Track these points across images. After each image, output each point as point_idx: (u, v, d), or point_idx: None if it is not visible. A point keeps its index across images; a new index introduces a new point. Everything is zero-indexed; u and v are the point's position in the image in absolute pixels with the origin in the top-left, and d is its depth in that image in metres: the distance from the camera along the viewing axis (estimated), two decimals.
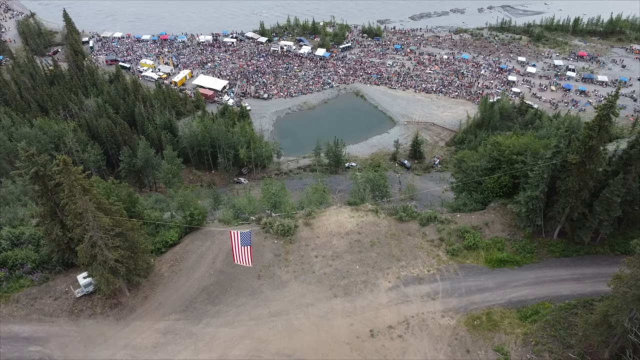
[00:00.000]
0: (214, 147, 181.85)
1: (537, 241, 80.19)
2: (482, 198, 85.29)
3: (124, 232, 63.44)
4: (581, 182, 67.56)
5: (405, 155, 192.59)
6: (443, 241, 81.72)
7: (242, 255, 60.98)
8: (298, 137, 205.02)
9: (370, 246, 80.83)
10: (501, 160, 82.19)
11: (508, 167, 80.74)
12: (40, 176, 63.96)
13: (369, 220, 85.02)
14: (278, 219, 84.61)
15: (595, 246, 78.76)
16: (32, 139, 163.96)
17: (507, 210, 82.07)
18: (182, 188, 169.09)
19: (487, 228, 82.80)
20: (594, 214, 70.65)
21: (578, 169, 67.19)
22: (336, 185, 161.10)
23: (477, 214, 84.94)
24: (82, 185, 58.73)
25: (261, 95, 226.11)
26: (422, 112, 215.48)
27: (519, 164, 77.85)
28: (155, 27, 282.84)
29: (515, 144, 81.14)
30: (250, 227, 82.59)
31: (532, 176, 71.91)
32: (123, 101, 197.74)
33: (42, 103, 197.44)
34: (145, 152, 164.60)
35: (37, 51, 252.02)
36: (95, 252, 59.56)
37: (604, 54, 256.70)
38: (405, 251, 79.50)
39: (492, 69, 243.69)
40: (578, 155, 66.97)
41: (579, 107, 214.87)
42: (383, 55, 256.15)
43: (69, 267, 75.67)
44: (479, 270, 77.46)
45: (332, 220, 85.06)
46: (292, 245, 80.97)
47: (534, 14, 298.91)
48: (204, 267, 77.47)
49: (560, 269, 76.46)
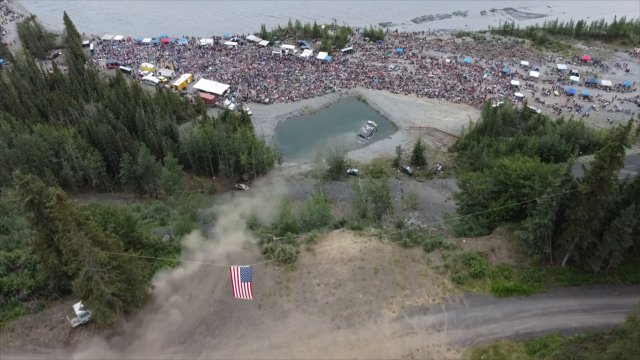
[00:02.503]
0: (214, 153, 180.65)
1: (544, 268, 77.99)
2: (488, 222, 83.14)
3: (121, 264, 61.82)
4: (591, 212, 65.63)
5: (407, 161, 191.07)
6: (448, 268, 79.73)
7: (242, 290, 59.46)
8: (299, 142, 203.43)
9: (374, 273, 78.88)
10: (508, 184, 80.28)
11: (515, 191, 78.79)
12: (36, 204, 62.29)
13: (373, 246, 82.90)
14: (279, 244, 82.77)
15: (604, 275, 76.54)
16: (31, 145, 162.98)
17: (514, 236, 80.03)
18: (183, 195, 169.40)
19: (494, 254, 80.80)
20: (604, 243, 68.66)
21: (588, 199, 65.28)
22: (338, 193, 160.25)
23: (483, 239, 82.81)
24: (76, 219, 57.04)
25: (262, 100, 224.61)
26: (424, 117, 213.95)
27: (526, 189, 75.96)
28: (156, 29, 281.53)
29: (522, 168, 79.12)
30: (251, 251, 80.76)
31: (540, 203, 70.03)
32: (123, 106, 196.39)
33: (42, 108, 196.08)
34: (145, 159, 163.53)
35: (37, 54, 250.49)
36: (91, 287, 58.00)
37: (608, 58, 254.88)
38: (410, 279, 77.52)
39: (495, 73, 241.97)
40: (588, 185, 65.06)
41: (583, 112, 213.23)
42: (385, 59, 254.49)
43: (65, 293, 73.97)
44: (485, 300, 75.40)
45: (335, 245, 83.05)
46: (294, 272, 78.98)
47: (536, 17, 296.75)
48: (204, 296, 75.78)
49: (569, 298, 74.21)
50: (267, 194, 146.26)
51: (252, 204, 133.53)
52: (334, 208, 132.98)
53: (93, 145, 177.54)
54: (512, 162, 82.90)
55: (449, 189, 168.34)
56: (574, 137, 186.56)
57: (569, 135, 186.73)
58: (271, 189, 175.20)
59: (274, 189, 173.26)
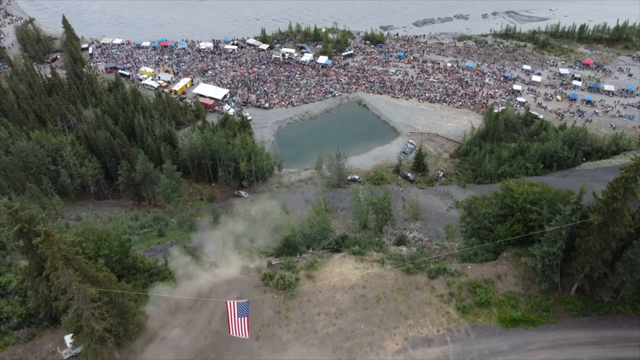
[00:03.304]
0: (214, 160, 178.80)
1: (553, 297, 74.78)
2: (494, 247, 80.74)
3: (112, 299, 59.64)
4: (603, 243, 62.89)
5: (408, 167, 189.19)
6: (453, 296, 76.70)
7: (238, 327, 57.31)
8: (299, 148, 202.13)
9: (376, 302, 75.96)
10: (514, 208, 77.98)
11: (521, 216, 76.39)
12: (25, 233, 60.18)
13: (375, 272, 79.89)
14: (278, 268, 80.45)
15: (615, 305, 73.39)
16: (28, 153, 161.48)
17: (521, 262, 77.59)
18: (182, 202, 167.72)
19: (500, 281, 77.82)
20: (615, 274, 65.92)
21: (600, 229, 62.73)
22: (338, 202, 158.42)
23: (489, 265, 79.78)
24: (65, 255, 54.92)
25: (262, 105, 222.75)
26: (425, 122, 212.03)
27: (533, 214, 73.62)
28: (156, 33, 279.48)
29: (529, 192, 76.73)
30: (249, 277, 78.46)
31: (548, 230, 67.69)
32: (122, 111, 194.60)
33: (40, 113, 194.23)
34: (144, 166, 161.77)
35: (35, 58, 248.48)
36: (81, 324, 55.89)
37: (610, 62, 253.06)
38: (413, 308, 74.57)
39: (497, 78, 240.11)
40: (600, 215, 62.67)
41: (586, 117, 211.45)
42: (386, 63, 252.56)
43: (56, 321, 71.38)
44: (492, 331, 72.23)
45: (336, 272, 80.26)
46: (293, 300, 75.94)
47: (538, 20, 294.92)
48: (200, 326, 73.07)
49: (579, 330, 71.08)
50: (267, 205, 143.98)
51: (251, 217, 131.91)
52: (335, 220, 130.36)
53: (91, 151, 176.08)
54: (518, 186, 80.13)
55: (451, 197, 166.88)
56: (577, 143, 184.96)
57: (572, 141, 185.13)
58: (271, 195, 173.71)
59: (273, 197, 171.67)
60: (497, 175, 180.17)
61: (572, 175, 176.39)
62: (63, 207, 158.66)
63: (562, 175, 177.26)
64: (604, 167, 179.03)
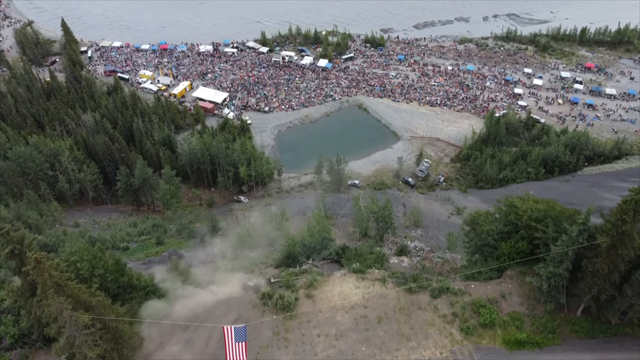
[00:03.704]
0: (213, 165, 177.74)
1: (558, 317, 72.27)
2: (498, 265, 79.09)
3: (106, 324, 58.23)
4: (611, 265, 60.98)
5: (409, 172, 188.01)
6: (456, 317, 74.24)
7: (236, 353, 55.83)
8: (299, 152, 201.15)
9: (378, 323, 73.83)
10: (518, 225, 76.39)
11: (526, 233, 74.56)
12: (17, 254, 58.77)
13: (376, 292, 77.44)
14: (277, 286, 78.84)
15: (623, 327, 70.79)
16: (26, 158, 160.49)
17: (526, 281, 75.89)
18: (181, 208, 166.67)
19: (504, 301, 75.48)
20: (624, 296, 64.09)
21: (608, 252, 60.99)
22: (338, 208, 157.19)
23: (493, 283, 77.41)
24: (57, 282, 53.51)
25: (262, 108, 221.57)
26: (426, 126, 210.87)
27: (538, 232, 72.03)
28: (158, 35, 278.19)
29: (533, 209, 74.94)
30: (247, 296, 76.83)
31: (554, 251, 66.12)
32: (121, 115, 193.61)
33: (39, 117, 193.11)
34: (142, 172, 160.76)
35: (34, 61, 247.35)
36: (73, 351, 54.51)
37: (612, 65, 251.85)
38: (416, 329, 72.41)
39: (498, 81, 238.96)
40: (609, 238, 61.04)
41: (587, 121, 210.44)
42: (386, 66, 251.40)
43: (50, 342, 69.85)
44: (496, 353, 69.53)
45: (336, 291, 78.13)
46: (293, 321, 73.55)
47: (539, 23, 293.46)
48: (197, 349, 70.65)
49: (586, 353, 68.50)
50: (266, 213, 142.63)
51: (250, 225, 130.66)
52: (335, 229, 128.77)
53: (90, 156, 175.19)
54: (522, 203, 78.02)
55: (452, 203, 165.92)
56: (579, 148, 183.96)
57: (574, 146, 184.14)
58: (271, 201, 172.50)
59: (273, 202, 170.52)
60: (498, 180, 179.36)
61: (574, 181, 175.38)
62: (61, 214, 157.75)
63: (563, 180, 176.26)
64: (606, 172, 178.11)
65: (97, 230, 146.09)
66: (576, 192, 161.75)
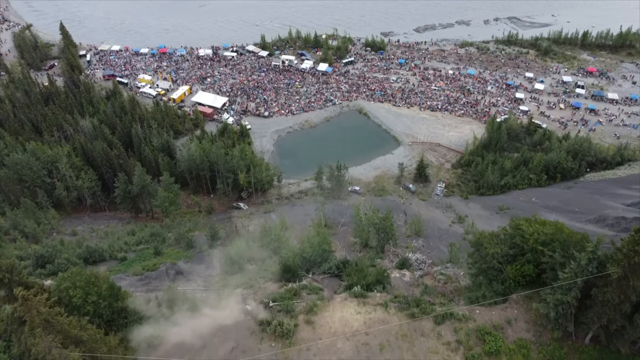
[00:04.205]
0: (212, 171, 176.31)
1: (566, 345, 69.90)
2: (503, 289, 76.29)
3: (98, 357, 56.51)
4: (622, 296, 58.60)
5: (410, 178, 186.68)
6: (461, 344, 71.64)
7: None
8: (299, 158, 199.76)
9: (380, 351, 70.66)
10: (524, 248, 74.18)
11: (532, 256, 72.25)
12: (6, 283, 57.26)
13: (378, 318, 74.69)
14: (276, 312, 76.47)
15: (633, 356, 68.03)
16: (23, 166, 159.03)
17: (532, 306, 73.15)
18: (180, 215, 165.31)
19: (510, 327, 72.83)
20: (634, 326, 61.49)
21: (619, 282, 58.79)
22: (339, 216, 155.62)
23: (498, 308, 74.60)
24: (45, 319, 51.86)
25: (262, 113, 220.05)
26: (427, 132, 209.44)
27: (545, 257, 69.83)
28: (154, 39, 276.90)
29: (540, 232, 72.47)
30: (245, 321, 74.56)
31: (562, 278, 63.92)
32: (120, 121, 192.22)
33: (37, 123, 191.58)
34: (141, 179, 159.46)
35: (33, 65, 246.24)
36: None
37: (614, 69, 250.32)
38: (419, 357, 69.05)
39: (499, 85, 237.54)
40: (620, 268, 58.86)
41: (589, 127, 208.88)
42: (387, 70, 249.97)
43: None
44: None
45: (337, 317, 75.28)
46: (292, 349, 70.82)
47: (541, 26, 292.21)
48: None
49: None
50: (266, 222, 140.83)
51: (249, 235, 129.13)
52: (335, 241, 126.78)
53: (88, 163, 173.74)
54: (528, 225, 75.40)
55: (453, 210, 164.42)
56: (581, 154, 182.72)
57: (576, 152, 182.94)
58: (270, 207, 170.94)
59: (273, 209, 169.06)
60: (500, 187, 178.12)
61: (576, 187, 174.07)
62: (58, 221, 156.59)
63: (566, 187, 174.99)
64: (608, 178, 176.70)
65: (95, 239, 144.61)
66: (579, 200, 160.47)
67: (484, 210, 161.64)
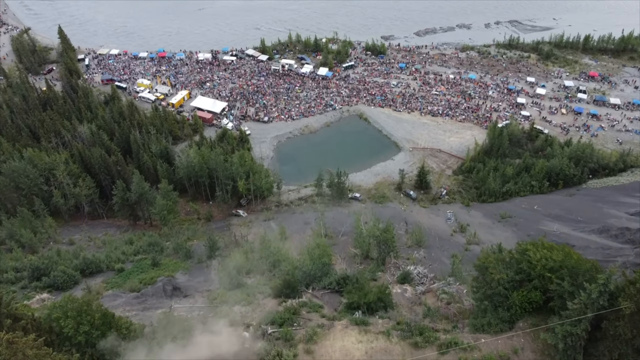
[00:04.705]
0: (211, 178, 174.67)
1: None
2: (509, 316, 73.60)
3: None
4: (634, 330, 56.72)
5: (410, 184, 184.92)
6: None
7: None
8: (299, 164, 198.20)
9: None
10: (531, 274, 71.83)
11: (539, 283, 69.94)
12: None
13: (380, 347, 71.13)
14: (274, 340, 73.96)
15: None
16: (20, 173, 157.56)
17: (540, 335, 69.91)
18: (178, 222, 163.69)
19: (517, 357, 69.42)
20: None
21: (632, 317, 56.59)
22: (339, 225, 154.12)
23: (504, 337, 71.05)
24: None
25: (261, 118, 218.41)
26: (427, 137, 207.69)
27: (553, 285, 67.46)
28: (154, 43, 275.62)
29: (547, 258, 69.91)
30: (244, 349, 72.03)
31: (571, 308, 61.60)
32: (118, 126, 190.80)
33: (34, 129, 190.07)
34: (139, 187, 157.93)
35: (31, 69, 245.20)
36: None
37: (616, 74, 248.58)
38: None
39: (500, 90, 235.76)
40: (633, 303, 56.62)
41: (591, 132, 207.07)
42: (387, 75, 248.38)
43: None
44: None
45: (337, 346, 72.16)
46: None
47: (542, 30, 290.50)
48: None
49: None
50: (265, 232, 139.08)
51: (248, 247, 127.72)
52: (336, 254, 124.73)
53: (86, 170, 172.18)
54: (536, 251, 72.69)
55: (455, 220, 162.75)
56: (583, 160, 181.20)
57: (578, 158, 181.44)
58: (270, 215, 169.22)
59: (272, 217, 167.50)
60: (501, 194, 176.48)
61: (579, 194, 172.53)
62: (55, 230, 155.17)
63: (568, 194, 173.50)
64: (611, 185, 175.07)
65: (92, 248, 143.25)
66: (581, 208, 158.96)
67: (486, 219, 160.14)
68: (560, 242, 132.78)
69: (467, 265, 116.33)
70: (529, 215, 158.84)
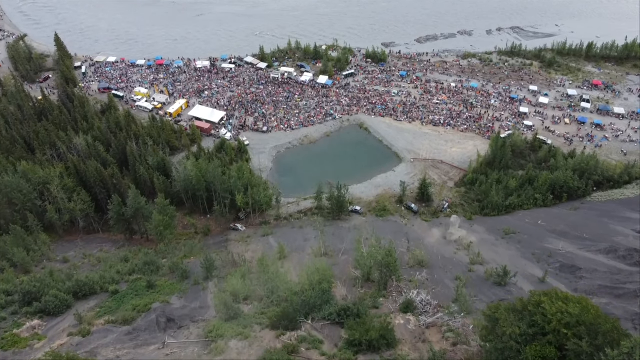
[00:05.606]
0: (209, 192, 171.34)
1: None
2: None
3: None
4: None
5: (412, 197, 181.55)
6: None
7: None
8: (299, 175, 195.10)
9: None
10: (546, 328, 67.64)
11: (554, 338, 66.01)
12: None
13: None
14: None
15: None
16: (14, 188, 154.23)
17: None
18: (175, 238, 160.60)
19: None
20: None
21: None
22: (339, 241, 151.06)
23: None
24: None
25: (260, 128, 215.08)
26: (429, 148, 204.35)
27: (570, 343, 63.28)
28: (153, 50, 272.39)
29: (564, 312, 65.45)
30: None
31: None
32: (114, 137, 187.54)
33: (29, 140, 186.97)
34: (135, 202, 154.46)
35: (27, 77, 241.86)
36: None
37: (620, 82, 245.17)
38: None
39: (503, 99, 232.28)
40: None
41: (595, 142, 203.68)
42: (388, 83, 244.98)
43: None
44: None
45: None
46: None
47: (544, 37, 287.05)
48: None
49: None
50: (263, 253, 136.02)
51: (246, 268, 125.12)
52: (335, 276, 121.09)
53: (81, 183, 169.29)
54: (551, 304, 67.77)
55: (459, 226, 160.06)
56: (588, 172, 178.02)
57: (583, 170, 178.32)
58: (269, 230, 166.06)
59: (271, 231, 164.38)
60: (505, 207, 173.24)
61: (584, 208, 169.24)
62: (49, 247, 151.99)
63: (572, 207, 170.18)
64: (616, 199, 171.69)
65: (87, 267, 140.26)
66: (587, 224, 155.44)
67: (489, 234, 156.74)
68: (566, 262, 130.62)
69: (471, 289, 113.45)
70: (533, 230, 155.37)
